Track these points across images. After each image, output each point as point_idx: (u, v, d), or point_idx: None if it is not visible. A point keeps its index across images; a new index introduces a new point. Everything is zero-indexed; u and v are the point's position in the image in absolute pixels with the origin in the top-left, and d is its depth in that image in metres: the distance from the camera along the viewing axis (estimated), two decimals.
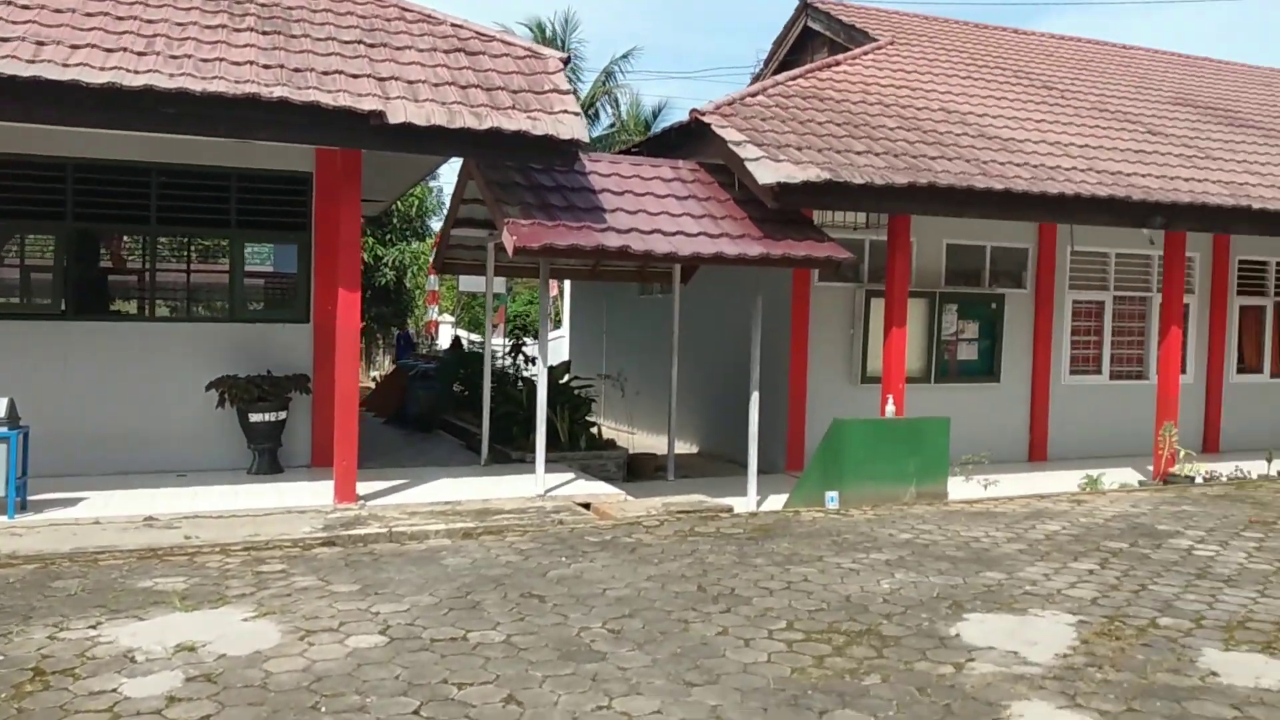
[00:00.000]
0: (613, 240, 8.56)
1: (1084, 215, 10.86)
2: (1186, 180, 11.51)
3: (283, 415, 9.60)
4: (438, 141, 7.92)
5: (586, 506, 8.75)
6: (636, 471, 11.64)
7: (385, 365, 26.15)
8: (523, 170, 9.15)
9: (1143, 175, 11.33)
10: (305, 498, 8.56)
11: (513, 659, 4.83)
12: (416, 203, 26.69)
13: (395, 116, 7.61)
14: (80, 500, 8.17)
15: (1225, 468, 11.76)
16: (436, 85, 8.19)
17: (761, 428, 10.27)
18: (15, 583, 6.04)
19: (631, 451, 12.14)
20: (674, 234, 8.97)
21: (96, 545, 6.92)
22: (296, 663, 4.74)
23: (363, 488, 8.67)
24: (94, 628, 5.21)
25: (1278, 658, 5.05)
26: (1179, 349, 11.90)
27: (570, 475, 9.96)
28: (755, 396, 9.70)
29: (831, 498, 9.13)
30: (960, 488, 10.06)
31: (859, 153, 10.01)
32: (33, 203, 9.40)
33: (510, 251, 8.18)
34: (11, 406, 7.71)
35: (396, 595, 5.88)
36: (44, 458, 8.66)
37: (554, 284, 29.60)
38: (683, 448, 13.90)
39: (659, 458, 12.03)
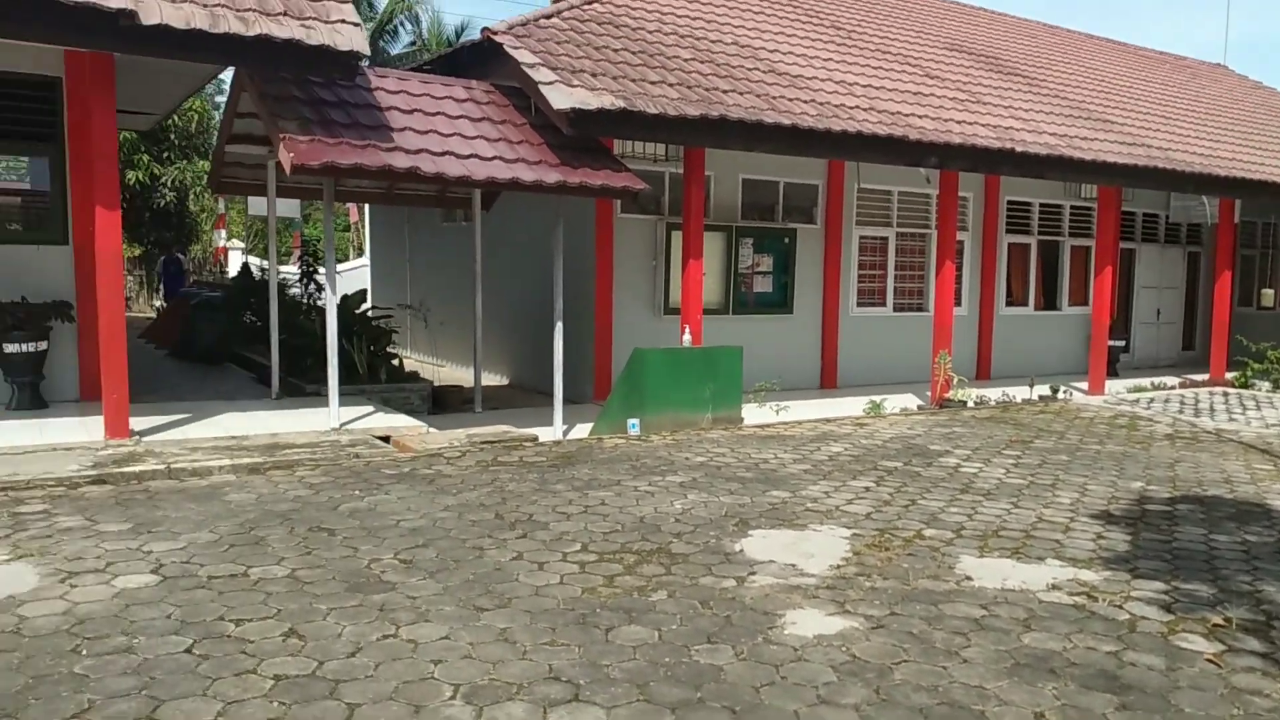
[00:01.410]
0: (401, 160, 8.21)
1: (866, 153, 11.40)
2: (959, 123, 12.27)
3: (43, 345, 8.78)
4: (200, 47, 7.24)
5: (386, 439, 8.54)
6: (442, 404, 11.45)
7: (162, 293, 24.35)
8: (301, 83, 8.59)
9: (919, 116, 11.98)
10: (73, 434, 7.90)
11: (296, 593, 4.68)
12: (196, 117, 24.67)
13: (149, 17, 6.90)
14: None
15: (994, 393, 12.84)
16: None
17: (569, 358, 10.31)
18: None
19: (437, 384, 11.90)
20: (468, 157, 8.72)
21: None
22: (56, 606, 4.41)
23: (139, 422, 8.10)
24: None
25: (1024, 562, 5.60)
26: (953, 283, 12.79)
27: (369, 408, 9.68)
28: (559, 327, 9.70)
29: (633, 425, 9.33)
30: (754, 413, 10.51)
31: (653, 82, 10.05)
32: None
33: (287, 170, 7.72)
34: None
35: (172, 533, 5.56)
36: None
37: (354, 209, 28.39)
38: (493, 380, 13.79)
39: (466, 390, 11.87)
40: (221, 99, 27.65)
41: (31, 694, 3.57)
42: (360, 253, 26.75)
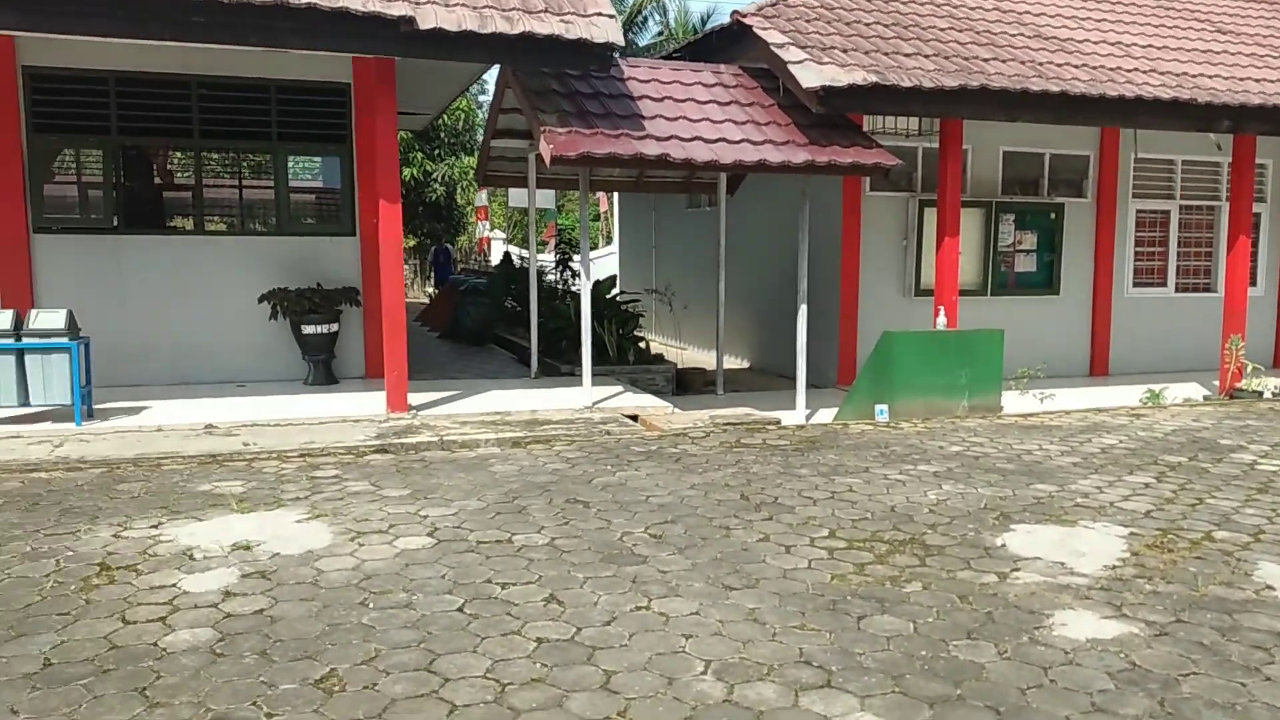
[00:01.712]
0: (651, 148, 8.38)
1: (1146, 119, 10.39)
2: (1257, 81, 10.92)
3: (334, 327, 9.74)
4: (470, 47, 7.75)
5: (634, 418, 8.79)
6: (685, 386, 11.66)
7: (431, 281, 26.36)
8: (559, 77, 8.97)
9: (1209, 76, 10.77)
10: (359, 407, 8.72)
11: (555, 561, 4.91)
12: (463, 116, 26.46)
13: (425, 21, 7.45)
14: (143, 409, 8.43)
15: None
16: None
17: (812, 341, 10.17)
18: (84, 486, 6.27)
19: (681, 366, 12.13)
20: (715, 141, 8.77)
21: (159, 451, 7.15)
22: (347, 562, 4.87)
23: (415, 398, 8.80)
24: (155, 528, 5.40)
25: None
26: (1247, 260, 11.44)
27: (618, 388, 10.01)
28: (803, 309, 9.59)
29: (881, 410, 9.05)
30: (1015, 401, 9.90)
31: (908, 54, 9.64)
32: (78, 117, 9.47)
33: (547, 161, 8.07)
34: (70, 318, 7.90)
35: (445, 500, 5.99)
36: (109, 369, 8.94)
37: (604, 199, 29.40)
38: (734, 363, 13.86)
39: (708, 372, 12.01)
40: (484, 99, 29.53)
41: (328, 639, 3.96)
42: (609, 240, 27.69)
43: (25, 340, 7.71)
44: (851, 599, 4.48)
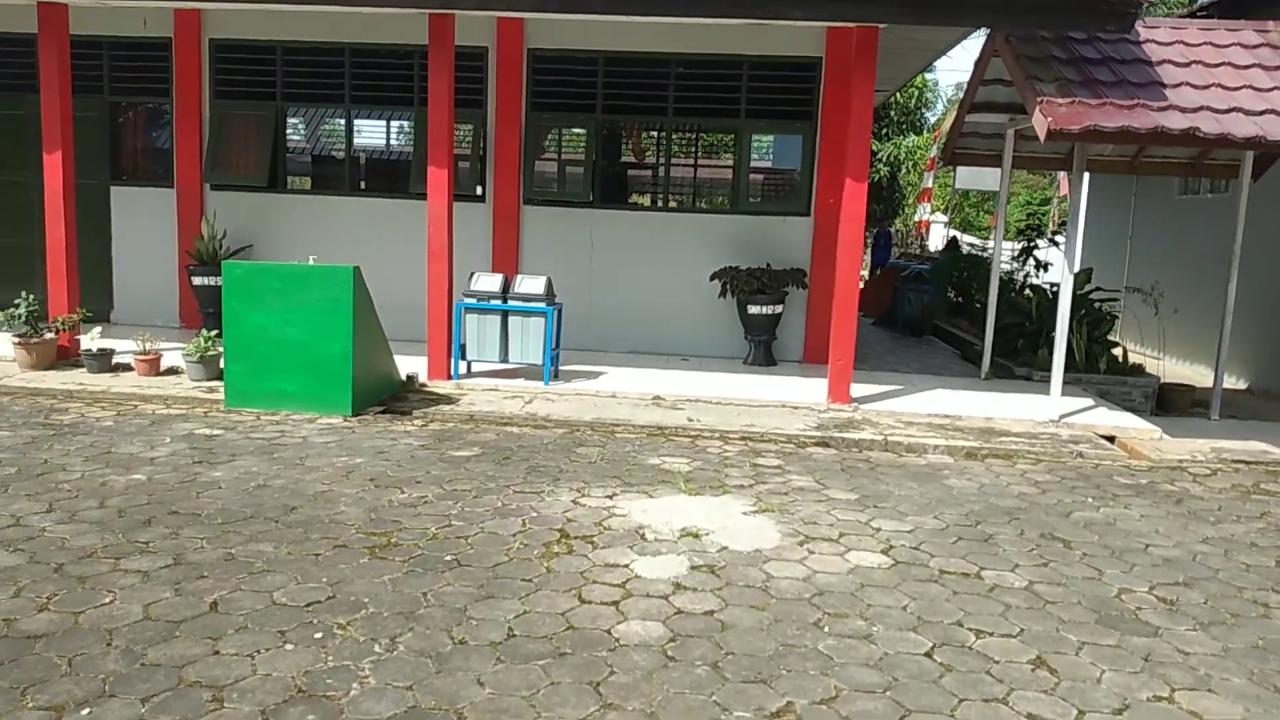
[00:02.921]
0: (1175, 121, 7.00)
1: None
2: None
3: (779, 309, 9.54)
4: (962, 10, 7.02)
5: (1110, 440, 7.56)
6: (1166, 404, 9.90)
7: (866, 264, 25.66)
8: (1060, 42, 7.83)
9: None
10: (798, 393, 8.43)
11: (1037, 612, 4.14)
12: (916, 93, 25.32)
13: None
14: (600, 374, 8.83)
15: None
16: None
17: None
18: (548, 444, 6.61)
19: (1161, 380, 10.35)
20: (1261, 113, 7.13)
21: (613, 418, 7.37)
22: (797, 570, 4.51)
23: (854, 389, 8.31)
24: (610, 498, 5.46)
25: None
26: None
27: (1088, 401, 8.71)
28: None
29: None
30: None
31: None
32: (568, 96, 10.11)
33: (1043, 135, 7.05)
34: (549, 285, 8.44)
35: (898, 513, 5.43)
36: (571, 332, 9.52)
37: (1063, 181, 26.65)
38: (1227, 381, 11.65)
39: (1197, 391, 10.12)
40: (930, 77, 28.07)
41: (781, 663, 3.59)
42: (1058, 229, 25.09)
43: (510, 302, 8.38)
44: None
